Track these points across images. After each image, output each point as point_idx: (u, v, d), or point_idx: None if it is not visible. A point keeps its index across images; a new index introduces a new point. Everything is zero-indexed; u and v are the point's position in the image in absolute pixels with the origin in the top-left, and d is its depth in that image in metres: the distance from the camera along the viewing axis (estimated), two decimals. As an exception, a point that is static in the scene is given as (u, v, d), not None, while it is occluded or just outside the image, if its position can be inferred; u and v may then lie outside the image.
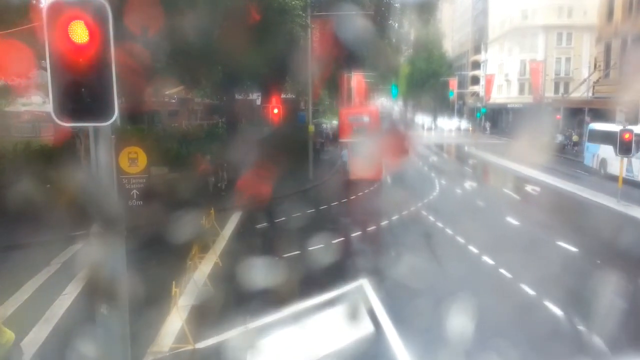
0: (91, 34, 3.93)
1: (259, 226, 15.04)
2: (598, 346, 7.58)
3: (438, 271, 11.26)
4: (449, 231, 14.29)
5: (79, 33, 3.93)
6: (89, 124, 4.18)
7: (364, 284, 9.81)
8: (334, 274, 10.50)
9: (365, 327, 8.15)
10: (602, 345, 7.55)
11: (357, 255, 12.16)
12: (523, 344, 7.85)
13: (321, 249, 12.40)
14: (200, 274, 9.67)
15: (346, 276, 10.39)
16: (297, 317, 8.40)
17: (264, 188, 17.89)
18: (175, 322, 7.48)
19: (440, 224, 15.28)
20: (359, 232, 14.24)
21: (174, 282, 7.11)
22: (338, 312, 8.75)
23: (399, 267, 11.05)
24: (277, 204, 18.26)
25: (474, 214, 17.19)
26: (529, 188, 22.44)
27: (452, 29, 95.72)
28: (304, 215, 16.28)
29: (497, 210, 17.86)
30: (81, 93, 4.05)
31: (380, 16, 33.92)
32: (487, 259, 11.66)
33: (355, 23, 27.33)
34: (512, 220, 15.78)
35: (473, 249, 12.47)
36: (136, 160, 6.84)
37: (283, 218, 15.96)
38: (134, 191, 6.97)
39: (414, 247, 12.57)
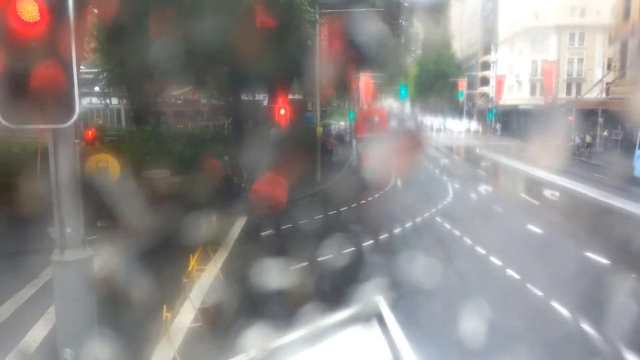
0: (43, 11, 3.07)
1: (264, 233, 14.17)
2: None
3: (459, 288, 10.30)
4: (467, 240, 13.35)
5: (29, 9, 3.07)
6: (45, 126, 3.34)
7: (380, 302, 8.89)
8: (346, 289, 9.58)
9: (383, 356, 7.25)
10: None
11: (370, 267, 11.22)
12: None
13: (331, 259, 11.53)
14: (198, 290, 8.79)
15: (359, 292, 9.46)
16: (305, 342, 7.51)
17: (279, 192, 17.17)
18: (166, 350, 6.61)
19: (457, 232, 14.34)
20: (371, 241, 13.33)
21: (164, 306, 6.24)
22: (351, 337, 7.85)
23: (416, 281, 10.14)
24: (283, 209, 17.42)
25: (492, 221, 16.21)
26: (547, 192, 21.45)
27: (460, 30, 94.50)
28: (312, 222, 15.42)
29: (516, 217, 16.88)
30: (34, 87, 3.20)
31: (389, 15, 33.06)
32: (511, 272, 10.71)
33: (364, 20, 26.51)
34: (534, 228, 14.80)
35: (495, 260, 11.53)
36: (107, 171, 5.89)
37: (289, 225, 15.10)
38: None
39: (431, 258, 11.62)
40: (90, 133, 13.55)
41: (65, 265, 3.54)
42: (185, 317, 7.73)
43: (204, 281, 9.55)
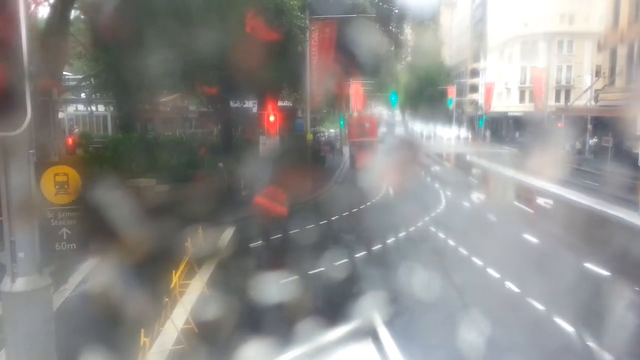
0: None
1: (253, 245, 13.63)
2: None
3: (457, 302, 9.78)
4: (463, 251, 12.93)
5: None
6: (-9, 134, 2.84)
7: (375, 320, 8.42)
8: (339, 305, 9.12)
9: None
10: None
11: (364, 281, 10.71)
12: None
13: (322, 272, 11.05)
14: (181, 308, 8.25)
15: (353, 308, 9.00)
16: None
17: (280, 200, 16.83)
18: (145, 378, 6.08)
19: (452, 242, 13.92)
20: (364, 252, 12.84)
21: (142, 330, 5.72)
22: (346, 356, 7.38)
23: (412, 295, 9.70)
24: (272, 218, 16.95)
25: (487, 230, 15.79)
26: (540, 200, 21.13)
27: (450, 37, 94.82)
28: (302, 232, 14.92)
29: (511, 226, 16.52)
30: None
31: (380, 22, 32.86)
32: (511, 285, 10.29)
33: (355, 27, 26.25)
34: (530, 237, 14.43)
35: (493, 272, 11.11)
36: (66, 185, 5.23)
37: (279, 235, 14.60)
38: (64, 229, 5.43)
39: (426, 270, 11.17)
40: (71, 140, 12.98)
41: (18, 296, 3.04)
42: (166, 339, 7.18)
43: (189, 298, 9.01)
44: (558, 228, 16.28)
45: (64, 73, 25.74)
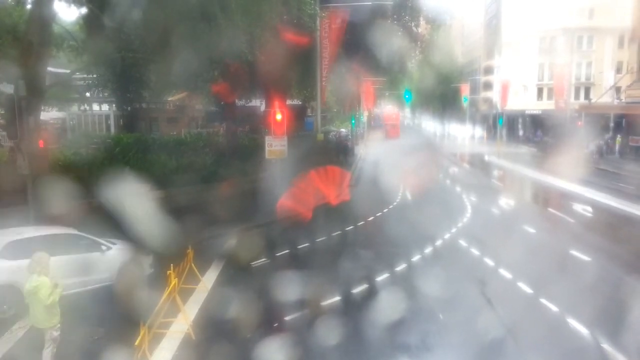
0: None
1: (255, 264, 11.58)
2: None
3: (513, 352, 7.67)
4: (505, 274, 10.80)
5: None
6: None
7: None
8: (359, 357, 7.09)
9: None
10: None
11: (389, 317, 8.47)
12: None
13: (337, 305, 9.05)
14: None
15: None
16: None
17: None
18: None
19: (489, 261, 11.81)
20: (386, 275, 10.77)
21: None
22: None
23: (456, 343, 7.67)
24: (281, 228, 15.04)
25: (527, 246, 13.53)
26: (577, 207, 18.91)
27: (462, 33, 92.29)
28: (313, 246, 13.02)
29: (553, 239, 14.38)
30: None
31: (394, 14, 30.99)
32: (575, 324, 8.16)
33: (369, 18, 24.36)
34: (580, 255, 12.30)
35: (549, 304, 8.98)
36: None
37: (286, 250, 12.62)
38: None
39: (467, 303, 9.14)
40: (42, 143, 11.14)
41: None
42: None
43: (168, 344, 7.01)
44: (608, 241, 14.11)
45: (57, 70, 24.01)
